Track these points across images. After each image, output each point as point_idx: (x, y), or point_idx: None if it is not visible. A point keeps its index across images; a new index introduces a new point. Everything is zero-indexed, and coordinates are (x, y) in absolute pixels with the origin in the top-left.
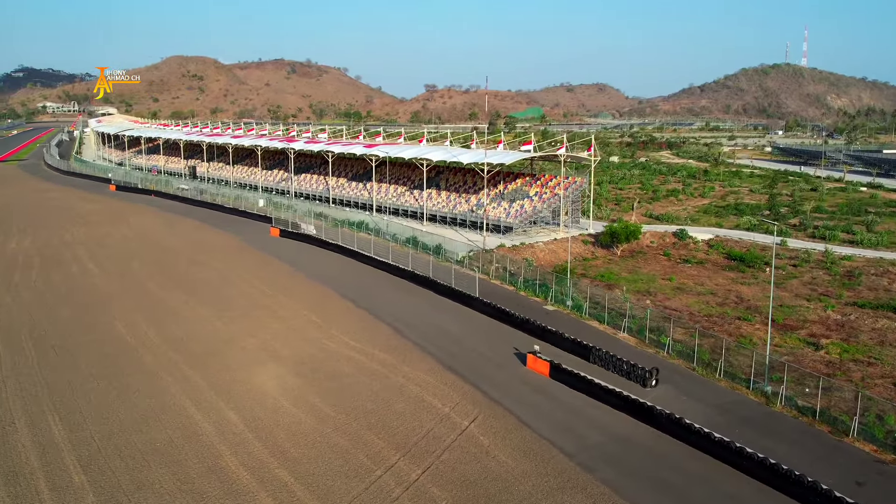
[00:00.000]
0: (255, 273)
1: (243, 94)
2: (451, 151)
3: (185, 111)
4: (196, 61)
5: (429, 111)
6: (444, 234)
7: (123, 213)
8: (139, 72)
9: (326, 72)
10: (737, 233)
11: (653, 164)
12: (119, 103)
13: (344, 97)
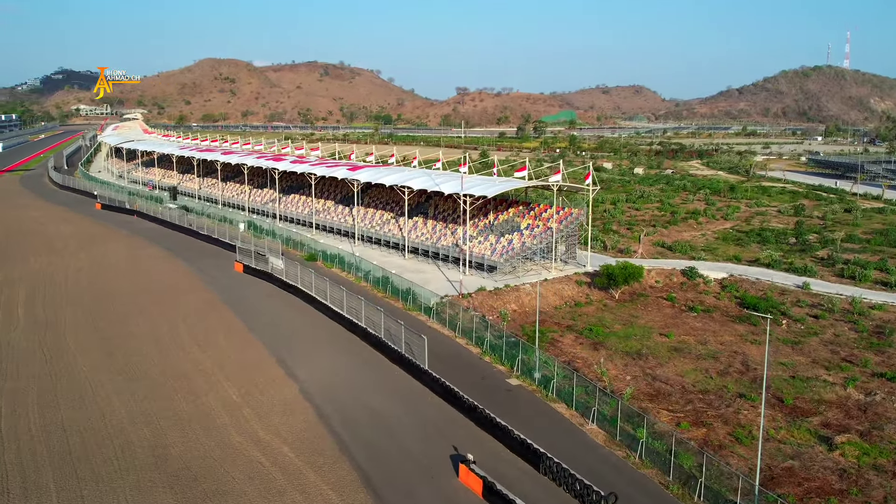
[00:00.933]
0: (194, 325)
1: (274, 97)
2: (435, 178)
3: (216, 114)
4: (228, 64)
5: (459, 114)
6: (425, 272)
7: (94, 239)
8: (172, 74)
9: (359, 74)
10: (755, 270)
11: (678, 178)
12: (151, 106)
13: (376, 100)
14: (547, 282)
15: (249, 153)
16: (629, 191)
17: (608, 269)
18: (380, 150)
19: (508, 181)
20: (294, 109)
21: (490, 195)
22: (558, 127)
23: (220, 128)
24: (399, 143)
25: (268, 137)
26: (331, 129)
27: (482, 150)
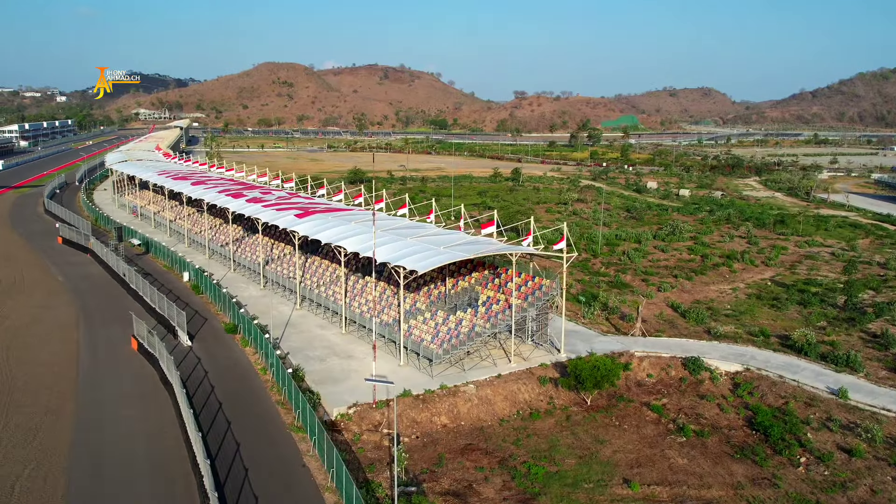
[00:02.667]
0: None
1: (331, 102)
2: (381, 235)
3: (272, 118)
4: (287, 68)
5: (516, 119)
6: (353, 357)
7: (14, 287)
8: (231, 79)
9: (419, 77)
10: (782, 359)
11: (725, 203)
12: (210, 110)
13: (434, 103)
14: (500, 379)
15: (219, 184)
16: (663, 222)
17: (576, 367)
18: (418, 160)
19: (457, 247)
20: (349, 114)
21: (422, 271)
22: (618, 133)
23: (271, 133)
24: (443, 154)
25: (314, 143)
26: (381, 134)
27: (520, 160)
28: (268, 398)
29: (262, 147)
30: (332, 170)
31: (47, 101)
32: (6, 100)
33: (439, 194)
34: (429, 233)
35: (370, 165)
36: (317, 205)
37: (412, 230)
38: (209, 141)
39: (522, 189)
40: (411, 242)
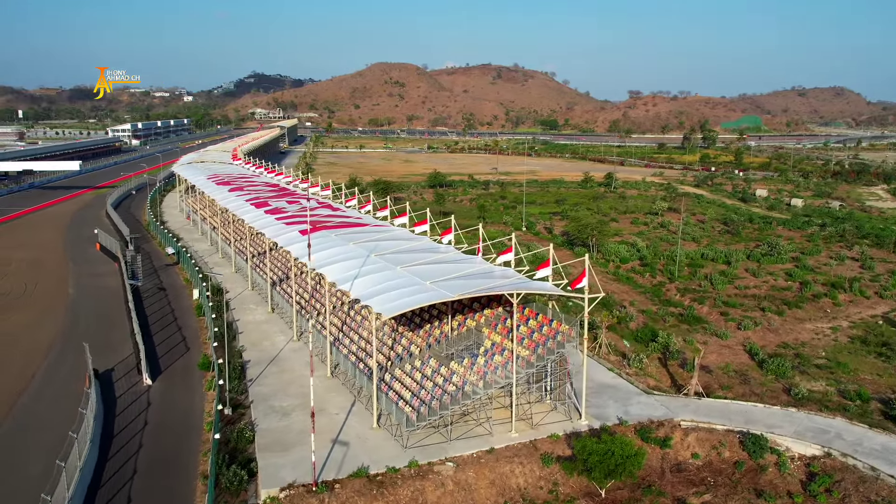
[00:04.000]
0: None
1: (441, 101)
2: (377, 259)
3: (382, 118)
4: (399, 68)
5: (629, 120)
6: (325, 411)
7: (18, 300)
8: (345, 79)
9: (532, 77)
10: (881, 440)
11: (842, 216)
12: (322, 109)
13: (547, 103)
14: (491, 455)
15: (256, 191)
16: (763, 238)
17: (583, 449)
18: (515, 163)
19: (452, 281)
20: (458, 114)
21: (388, 314)
22: (735, 134)
23: (377, 133)
24: (544, 156)
25: (417, 143)
26: (488, 135)
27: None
28: (195, 468)
29: (360, 148)
30: (418, 172)
31: (175, 100)
32: (138, 99)
33: (518, 201)
34: (432, 258)
35: (461, 168)
36: (335, 218)
37: (415, 254)
38: (312, 141)
39: (613, 196)
40: (399, 273)
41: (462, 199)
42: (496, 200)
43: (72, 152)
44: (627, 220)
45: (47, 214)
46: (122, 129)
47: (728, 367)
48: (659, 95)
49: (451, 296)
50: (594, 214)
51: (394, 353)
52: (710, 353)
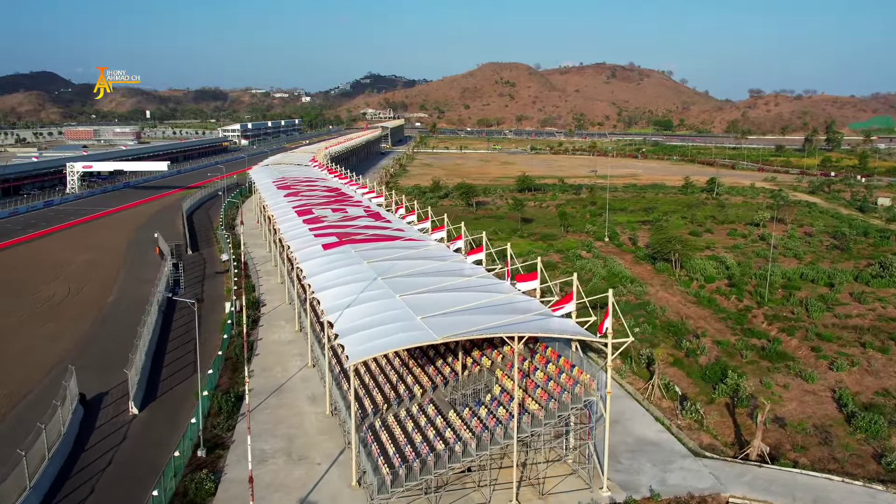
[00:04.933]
0: None
1: (551, 101)
2: (383, 283)
3: (492, 118)
4: (510, 68)
5: (748, 120)
6: (309, 456)
7: (59, 305)
8: (455, 79)
9: (648, 75)
10: None
11: None
12: (432, 110)
13: (662, 103)
14: None
15: (309, 197)
16: (877, 255)
17: None
18: (617, 165)
19: (451, 316)
20: (569, 114)
21: (354, 359)
22: (867, 136)
23: (483, 134)
24: (651, 158)
25: (521, 144)
26: (597, 135)
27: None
28: None
29: (461, 149)
30: (513, 175)
31: (293, 101)
32: (258, 100)
33: (611, 207)
34: (446, 284)
35: (559, 170)
36: (371, 230)
37: (428, 278)
38: (416, 142)
39: (714, 203)
40: (396, 303)
41: (548, 205)
42: (584, 206)
43: (176, 152)
44: (724, 232)
45: (128, 215)
46: (233, 129)
47: (802, 425)
48: (782, 94)
49: (436, 338)
50: (687, 224)
51: (394, 393)
52: (789, 401)
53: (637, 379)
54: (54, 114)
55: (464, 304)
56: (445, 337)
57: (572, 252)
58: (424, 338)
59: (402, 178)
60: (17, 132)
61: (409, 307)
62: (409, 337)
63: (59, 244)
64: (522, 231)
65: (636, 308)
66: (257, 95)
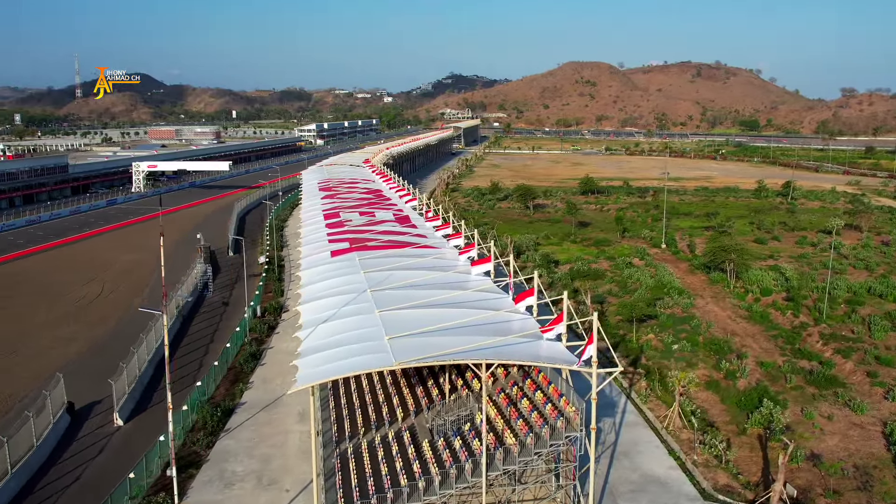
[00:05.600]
0: None
1: (633, 101)
2: (373, 294)
3: (571, 118)
4: (591, 67)
5: (840, 120)
6: (279, 483)
7: (89, 306)
8: (535, 78)
9: (734, 74)
10: None
11: None
12: (511, 110)
13: (749, 102)
14: None
15: (343, 200)
16: None
17: None
18: (693, 167)
19: (403, 344)
20: (650, 114)
21: (312, 382)
22: None
23: (561, 134)
24: (731, 159)
25: (596, 144)
26: (678, 136)
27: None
28: None
29: (533, 149)
30: (580, 176)
31: (375, 101)
32: (341, 101)
33: (676, 211)
34: (438, 298)
35: (631, 172)
36: (389, 235)
37: (422, 291)
38: (490, 142)
39: (787, 209)
40: (372, 320)
41: (609, 209)
42: (647, 211)
43: (247, 152)
44: (793, 239)
45: (184, 215)
46: (308, 129)
47: (839, 465)
48: (876, 93)
49: (392, 363)
50: (752, 231)
51: (375, 415)
52: (831, 434)
53: (660, 404)
54: (145, 114)
55: (446, 322)
56: (402, 363)
57: (622, 259)
58: (380, 363)
59: (465, 179)
60: (107, 132)
61: (383, 325)
62: (364, 361)
63: (108, 243)
64: (576, 235)
65: (680, 322)
66: (340, 96)
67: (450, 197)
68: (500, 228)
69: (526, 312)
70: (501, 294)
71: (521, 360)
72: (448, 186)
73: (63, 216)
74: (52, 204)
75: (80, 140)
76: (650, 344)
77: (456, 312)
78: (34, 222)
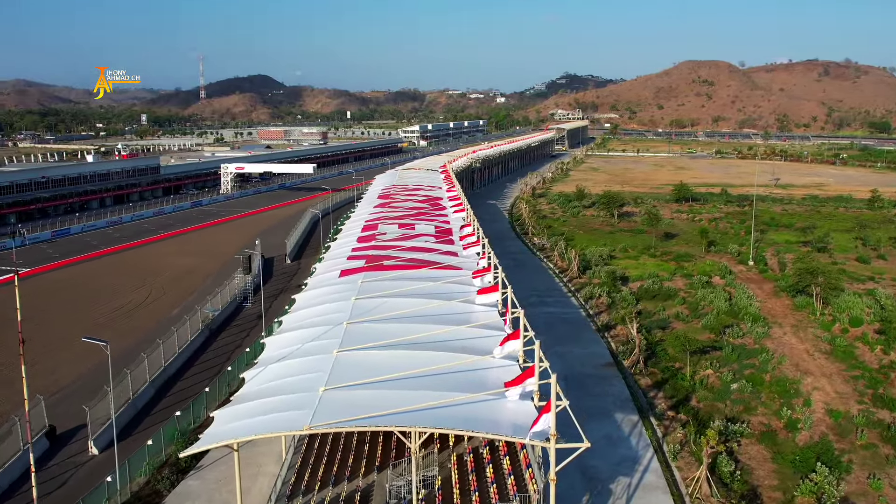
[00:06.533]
0: None
1: (752, 101)
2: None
3: (685, 119)
4: (708, 66)
5: None
6: None
7: (121, 315)
8: (649, 78)
9: (866, 73)
10: None
11: None
12: (623, 110)
13: (882, 103)
14: None
15: (391, 210)
16: None
17: None
18: (808, 171)
19: (333, 399)
20: (771, 115)
21: (205, 447)
22: None
23: (673, 136)
24: (854, 165)
25: (708, 147)
26: (799, 138)
27: None
28: None
29: (637, 152)
30: (676, 182)
31: (488, 102)
32: (454, 101)
33: (779, 222)
34: (420, 336)
35: (738, 178)
36: (413, 251)
37: (407, 324)
38: (595, 144)
39: None
40: (323, 363)
41: (701, 218)
42: (742, 222)
43: (346, 153)
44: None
45: (261, 218)
46: (412, 130)
47: None
48: None
49: (302, 427)
50: (855, 247)
51: (338, 467)
52: None
53: (694, 462)
54: (264, 114)
55: (408, 370)
56: (315, 426)
57: (699, 278)
58: (288, 425)
59: (559, 183)
60: (223, 132)
61: (332, 371)
62: (273, 422)
63: (173, 247)
64: (656, 249)
65: (749, 355)
66: (453, 96)
67: (533, 203)
68: (578, 239)
69: (508, 359)
70: (494, 332)
71: (457, 429)
72: (534, 192)
73: (146, 217)
74: (140, 205)
75: (194, 140)
76: (706, 381)
77: (426, 357)
78: (115, 223)
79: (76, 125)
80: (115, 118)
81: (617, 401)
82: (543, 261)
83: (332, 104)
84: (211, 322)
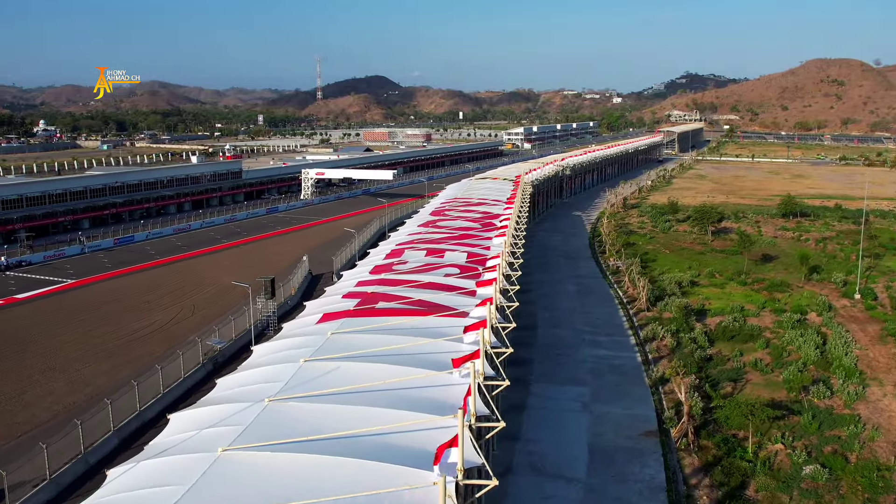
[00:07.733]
0: None
1: (887, 103)
2: None
3: (812, 122)
4: (839, 64)
5: None
6: None
7: (138, 341)
8: (773, 78)
9: None
10: None
11: None
12: (745, 111)
13: None
14: None
15: (437, 230)
16: None
17: None
18: None
19: (236, 469)
20: None
21: None
22: None
23: (797, 140)
24: None
25: (833, 152)
26: None
27: None
28: None
29: (753, 157)
30: (796, 191)
31: (604, 102)
32: (569, 101)
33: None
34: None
35: (862, 189)
36: (420, 291)
37: (355, 407)
38: (709, 148)
39: None
40: (251, 415)
41: (809, 238)
42: (856, 243)
43: (441, 156)
44: None
45: (329, 227)
46: (516, 132)
47: None
48: None
49: None
50: None
51: None
52: None
53: None
54: (378, 115)
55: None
56: None
57: (789, 315)
58: None
59: (658, 192)
60: (332, 132)
61: (249, 425)
62: None
63: (227, 259)
64: (748, 275)
65: (832, 424)
66: (568, 97)
67: (622, 216)
68: (661, 260)
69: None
70: None
71: None
72: (625, 203)
73: (216, 224)
74: (215, 210)
75: (302, 141)
76: (772, 460)
77: (333, 464)
78: (182, 231)
79: (195, 125)
80: (235, 118)
81: (645, 490)
82: (613, 286)
83: (446, 105)
84: (217, 355)
